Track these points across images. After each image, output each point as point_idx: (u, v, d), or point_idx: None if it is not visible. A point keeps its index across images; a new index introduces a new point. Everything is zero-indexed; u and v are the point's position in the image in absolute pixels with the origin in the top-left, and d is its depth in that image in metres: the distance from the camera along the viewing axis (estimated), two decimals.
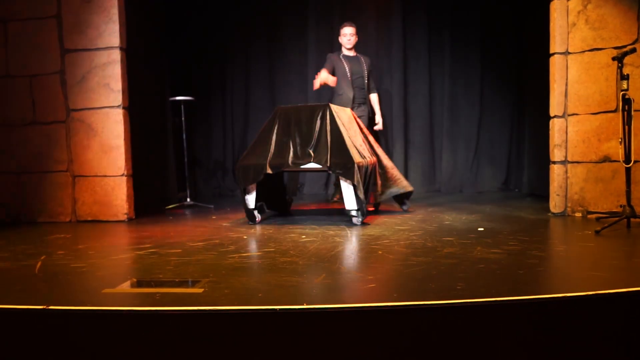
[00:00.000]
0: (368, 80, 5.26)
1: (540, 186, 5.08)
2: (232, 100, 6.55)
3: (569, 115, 3.94)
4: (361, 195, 3.65)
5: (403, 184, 4.36)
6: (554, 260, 2.63)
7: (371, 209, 4.40)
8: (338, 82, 5.05)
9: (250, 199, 3.90)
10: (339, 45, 5.31)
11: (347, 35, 5.14)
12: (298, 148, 3.78)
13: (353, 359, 1.73)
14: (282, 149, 3.81)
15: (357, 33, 5.24)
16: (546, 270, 2.39)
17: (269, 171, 3.75)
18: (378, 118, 5.38)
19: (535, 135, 5.44)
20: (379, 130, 5.50)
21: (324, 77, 4.83)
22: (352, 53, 5.23)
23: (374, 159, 4.20)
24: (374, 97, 5.37)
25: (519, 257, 2.55)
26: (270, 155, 3.79)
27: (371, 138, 4.41)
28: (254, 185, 3.88)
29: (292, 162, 3.74)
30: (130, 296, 2.14)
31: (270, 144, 3.84)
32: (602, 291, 1.85)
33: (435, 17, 6.17)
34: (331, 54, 5.30)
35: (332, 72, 5.03)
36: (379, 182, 4.21)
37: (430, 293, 1.95)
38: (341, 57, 5.20)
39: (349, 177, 3.60)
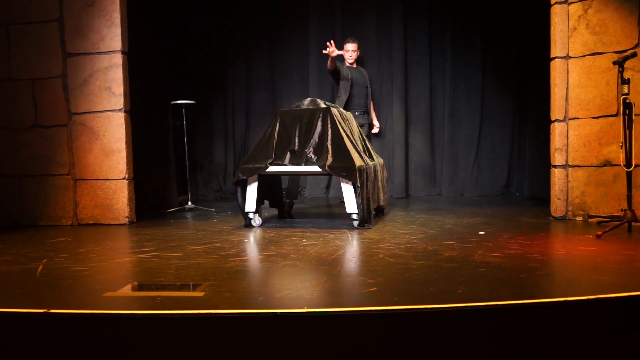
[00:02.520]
0: (369, 90, 5.56)
1: (541, 190, 5.08)
2: (233, 103, 6.56)
3: (569, 119, 3.94)
4: (362, 199, 3.65)
5: (384, 197, 4.44)
6: (555, 264, 2.63)
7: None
8: (340, 87, 5.38)
9: (250, 202, 3.90)
10: (341, 56, 5.45)
11: (350, 51, 5.49)
12: (298, 150, 3.79)
13: None
14: (281, 151, 3.81)
15: (359, 47, 5.59)
16: (547, 274, 2.38)
17: (267, 172, 3.77)
18: (376, 122, 5.71)
19: (536, 139, 5.44)
20: (375, 134, 5.78)
21: (336, 51, 5.14)
22: (353, 66, 5.54)
23: (374, 163, 4.20)
24: (370, 105, 5.70)
25: (520, 260, 2.55)
26: (269, 157, 3.80)
27: (369, 145, 4.46)
28: (253, 189, 3.88)
29: (290, 164, 3.75)
30: (131, 300, 2.14)
31: (271, 147, 3.84)
32: (604, 295, 1.85)
33: (436, 21, 6.18)
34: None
35: (337, 70, 5.33)
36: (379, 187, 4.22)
37: (431, 297, 1.95)
38: (344, 66, 5.49)
39: (351, 180, 3.61)
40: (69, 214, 4.35)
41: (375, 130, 5.67)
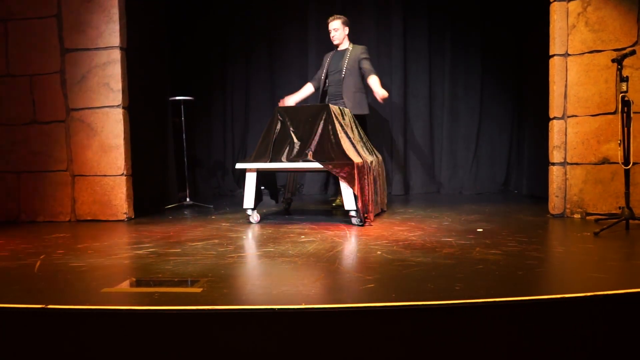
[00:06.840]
0: (360, 68, 4.83)
1: (540, 187, 5.08)
2: (232, 100, 6.55)
3: (568, 116, 3.94)
4: (360, 196, 3.65)
5: (384, 201, 4.45)
6: (552, 261, 2.63)
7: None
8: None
9: (248, 198, 3.90)
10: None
11: (331, 32, 4.92)
12: (296, 148, 3.79)
13: (352, 359, 1.73)
14: (280, 148, 3.82)
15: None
16: (545, 271, 2.39)
17: (265, 169, 3.78)
18: (380, 91, 4.64)
19: (534, 137, 5.44)
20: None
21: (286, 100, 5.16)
22: (339, 48, 4.99)
23: (372, 159, 4.20)
24: (372, 80, 4.73)
25: (518, 258, 2.55)
26: (268, 155, 3.81)
27: (369, 145, 4.44)
28: (252, 186, 3.88)
29: (289, 161, 3.76)
30: (129, 295, 2.14)
31: (270, 144, 3.85)
32: (601, 292, 1.85)
33: (436, 18, 6.17)
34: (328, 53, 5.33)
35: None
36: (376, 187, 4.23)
37: (429, 293, 1.95)
38: (328, 54, 5.09)
39: (349, 177, 3.61)
40: (67, 210, 4.34)
41: (381, 96, 4.62)
